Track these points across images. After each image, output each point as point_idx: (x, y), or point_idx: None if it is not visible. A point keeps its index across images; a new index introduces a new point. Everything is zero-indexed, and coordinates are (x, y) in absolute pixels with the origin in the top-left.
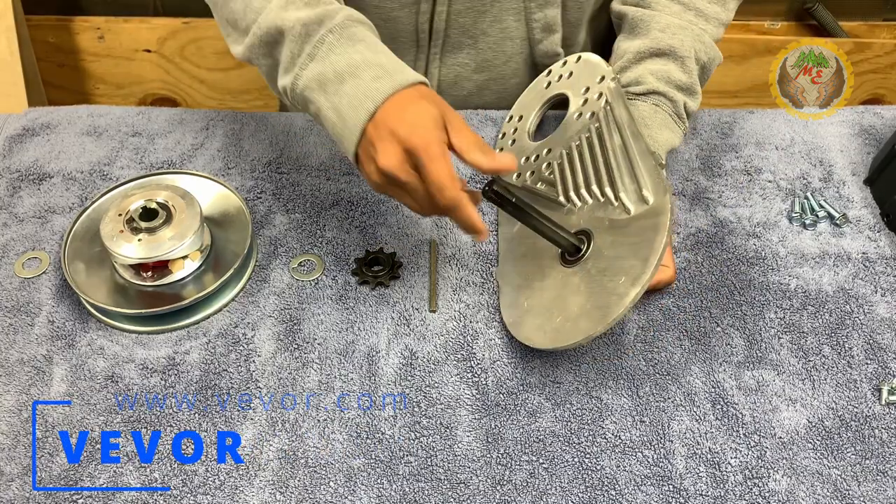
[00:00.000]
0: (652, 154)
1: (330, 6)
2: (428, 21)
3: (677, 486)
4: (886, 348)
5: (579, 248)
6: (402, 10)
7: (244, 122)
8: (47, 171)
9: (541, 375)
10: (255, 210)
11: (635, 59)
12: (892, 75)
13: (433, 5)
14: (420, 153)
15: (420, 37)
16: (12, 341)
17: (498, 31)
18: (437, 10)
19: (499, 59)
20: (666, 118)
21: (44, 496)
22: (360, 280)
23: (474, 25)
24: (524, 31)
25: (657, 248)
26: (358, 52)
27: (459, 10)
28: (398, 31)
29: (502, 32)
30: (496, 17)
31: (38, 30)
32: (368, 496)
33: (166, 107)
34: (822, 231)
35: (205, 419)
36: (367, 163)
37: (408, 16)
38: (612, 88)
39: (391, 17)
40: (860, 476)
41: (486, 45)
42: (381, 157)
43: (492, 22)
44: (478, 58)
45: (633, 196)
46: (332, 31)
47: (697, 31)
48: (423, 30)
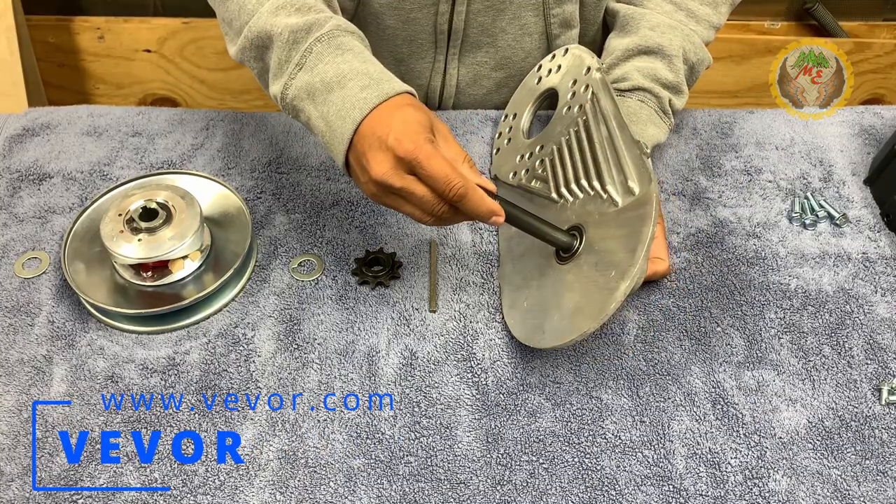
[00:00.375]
0: (636, 143)
1: (319, 14)
2: (447, 21)
3: (677, 487)
4: (886, 348)
5: (572, 245)
6: (421, 12)
7: (244, 122)
8: (47, 171)
9: (541, 375)
10: (255, 210)
11: (623, 56)
12: (892, 75)
13: (452, 5)
14: (413, 156)
15: (439, 37)
16: (12, 341)
17: (517, 28)
18: (455, 10)
19: (517, 56)
20: (651, 114)
21: (44, 496)
22: (360, 280)
23: (493, 24)
24: (542, 27)
25: (644, 238)
26: (346, 61)
27: (478, 10)
28: (417, 33)
29: (521, 29)
30: (515, 14)
31: (38, 30)
32: (368, 496)
33: (166, 107)
34: (822, 231)
35: (205, 419)
36: (360, 173)
37: (426, 17)
38: (598, 79)
39: (410, 19)
40: (860, 476)
41: (505, 43)
42: (373, 166)
43: (511, 20)
44: (497, 56)
45: (620, 188)
46: (321, 41)
47: (687, 32)
48: (441, 30)
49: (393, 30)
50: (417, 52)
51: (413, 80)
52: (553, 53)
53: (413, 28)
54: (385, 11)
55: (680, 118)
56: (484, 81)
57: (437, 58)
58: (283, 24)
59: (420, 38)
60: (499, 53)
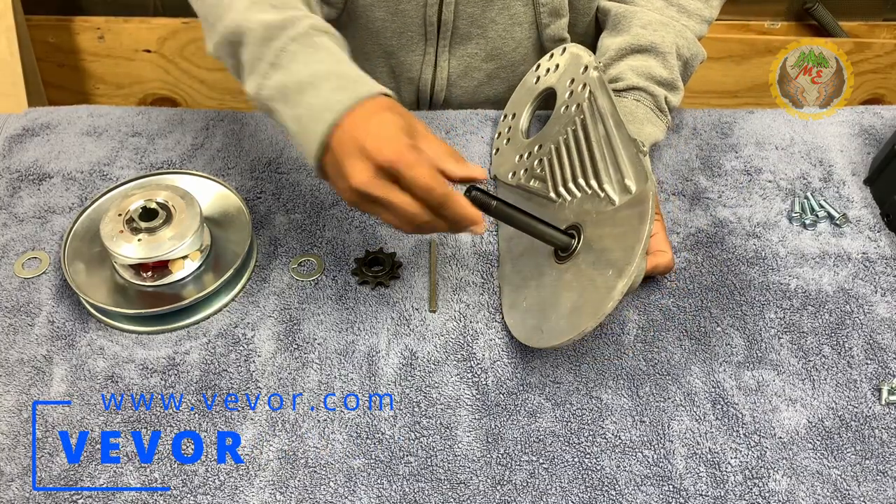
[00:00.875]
0: (633, 141)
1: (295, 12)
2: (436, 13)
3: (677, 486)
4: (886, 348)
5: (570, 244)
6: (410, 3)
7: (244, 122)
8: (47, 171)
9: (541, 375)
10: (255, 210)
11: (616, 55)
12: (892, 75)
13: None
14: (395, 165)
15: (428, 29)
16: (12, 341)
17: (506, 17)
18: (444, 2)
19: (508, 46)
20: (648, 113)
21: (44, 496)
22: (360, 280)
23: (483, 15)
24: (532, 16)
25: (641, 237)
26: (320, 61)
27: (467, 1)
28: (406, 25)
29: (511, 19)
30: (504, 4)
31: (38, 30)
32: (368, 496)
33: (166, 107)
34: (822, 231)
35: (205, 419)
36: (337, 179)
37: (415, 9)
38: (595, 78)
39: (399, 11)
40: (860, 476)
41: (496, 34)
42: (353, 175)
43: (500, 10)
44: (487, 47)
45: (617, 186)
46: (295, 40)
47: (679, 28)
48: (431, 22)
49: (382, 22)
50: (407, 44)
51: (404, 73)
52: (551, 53)
53: (402, 20)
54: (374, 4)
55: (680, 118)
56: (475, 73)
57: (428, 50)
58: (257, 21)
59: (410, 31)
60: (489, 44)
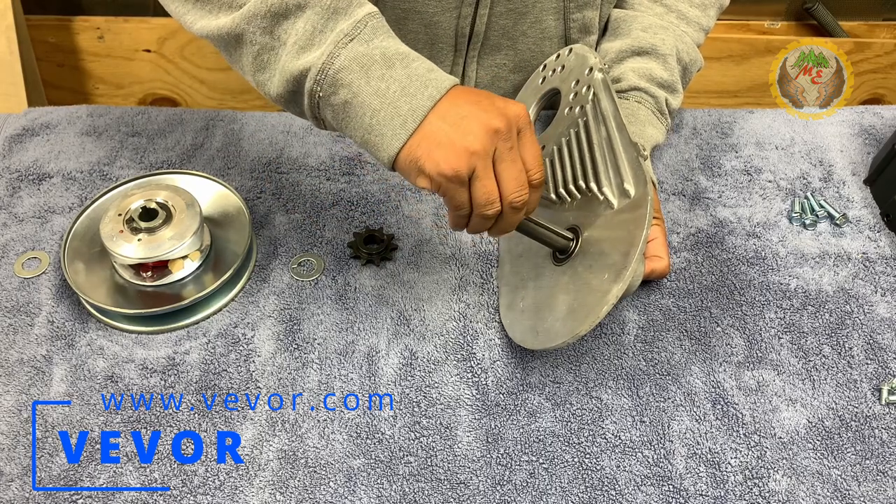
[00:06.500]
0: (634, 145)
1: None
2: (469, 24)
3: (677, 486)
4: (886, 348)
5: (569, 247)
6: (444, 15)
7: (244, 122)
8: (47, 171)
9: (541, 375)
10: (255, 210)
11: (617, 58)
12: (892, 75)
13: (475, 9)
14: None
15: (459, 40)
16: (12, 341)
17: (537, 31)
18: (478, 14)
19: (536, 59)
20: (648, 114)
21: (44, 496)
22: (352, 254)
23: (514, 27)
24: (562, 31)
25: (637, 242)
26: (401, 44)
27: (500, 13)
28: (437, 36)
29: (542, 33)
30: (536, 17)
31: (38, 30)
32: (368, 496)
33: (166, 107)
34: (822, 231)
35: (205, 419)
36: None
37: (449, 20)
38: (599, 80)
39: (432, 22)
40: (860, 476)
41: (525, 46)
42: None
43: (532, 23)
44: (516, 58)
45: (616, 190)
46: (374, 16)
47: (679, 33)
48: (462, 33)
49: (415, 34)
50: (437, 55)
51: None
52: (558, 53)
53: (434, 31)
54: (408, 16)
55: (680, 118)
56: (501, 83)
57: (457, 60)
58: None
59: (441, 42)
60: (518, 56)
